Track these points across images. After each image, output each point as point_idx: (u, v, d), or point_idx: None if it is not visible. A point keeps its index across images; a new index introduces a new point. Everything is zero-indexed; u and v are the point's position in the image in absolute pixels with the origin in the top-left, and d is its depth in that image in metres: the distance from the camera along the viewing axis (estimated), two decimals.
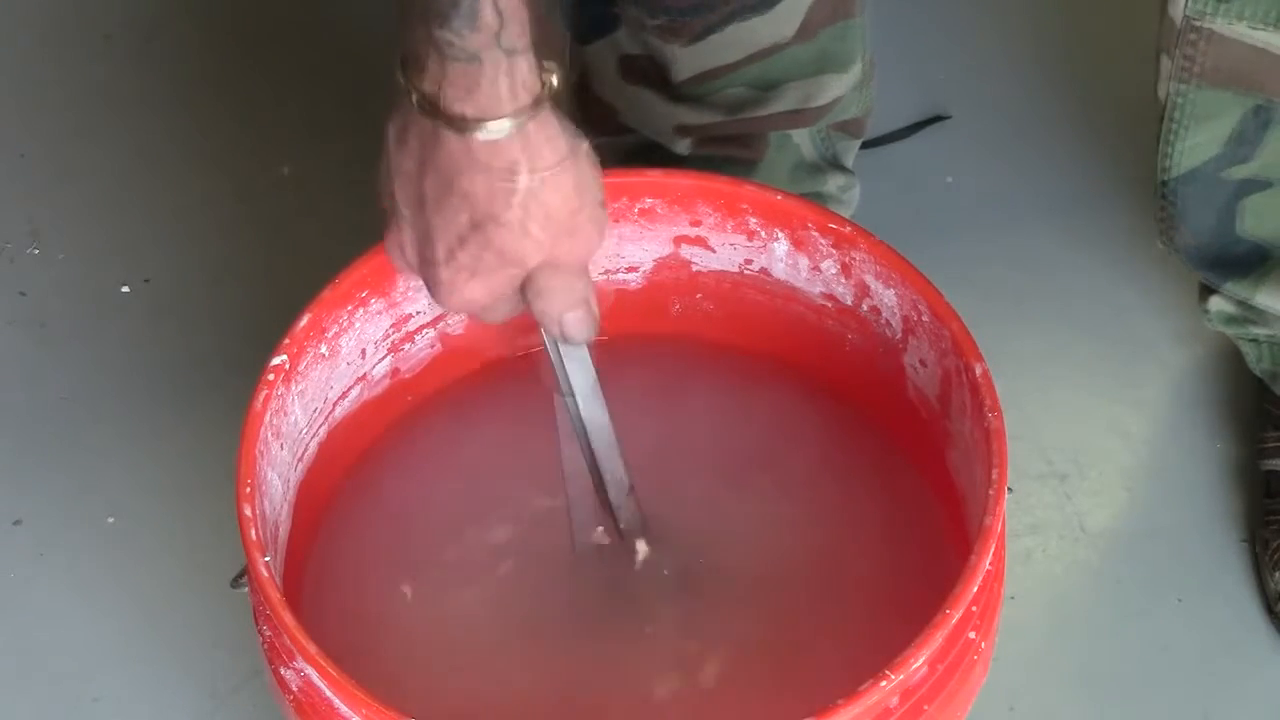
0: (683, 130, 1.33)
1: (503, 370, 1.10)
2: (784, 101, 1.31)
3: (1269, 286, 1.25)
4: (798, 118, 1.32)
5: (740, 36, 1.27)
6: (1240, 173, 1.20)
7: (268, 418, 0.95)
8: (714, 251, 1.07)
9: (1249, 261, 1.25)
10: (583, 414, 0.96)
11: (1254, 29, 1.11)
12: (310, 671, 0.87)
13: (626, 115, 1.35)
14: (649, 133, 1.35)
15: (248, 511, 0.91)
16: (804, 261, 1.05)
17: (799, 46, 1.29)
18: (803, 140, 1.34)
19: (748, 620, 1.01)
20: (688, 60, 1.29)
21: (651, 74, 1.32)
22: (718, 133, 1.33)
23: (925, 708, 0.88)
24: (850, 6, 1.29)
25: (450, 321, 1.07)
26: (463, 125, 0.85)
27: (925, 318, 1.00)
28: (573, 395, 0.96)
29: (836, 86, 1.32)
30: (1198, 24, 1.12)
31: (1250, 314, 1.30)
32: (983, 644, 0.93)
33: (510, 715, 0.98)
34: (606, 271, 1.09)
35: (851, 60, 1.32)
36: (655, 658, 1.00)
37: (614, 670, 0.99)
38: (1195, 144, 1.19)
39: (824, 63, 1.30)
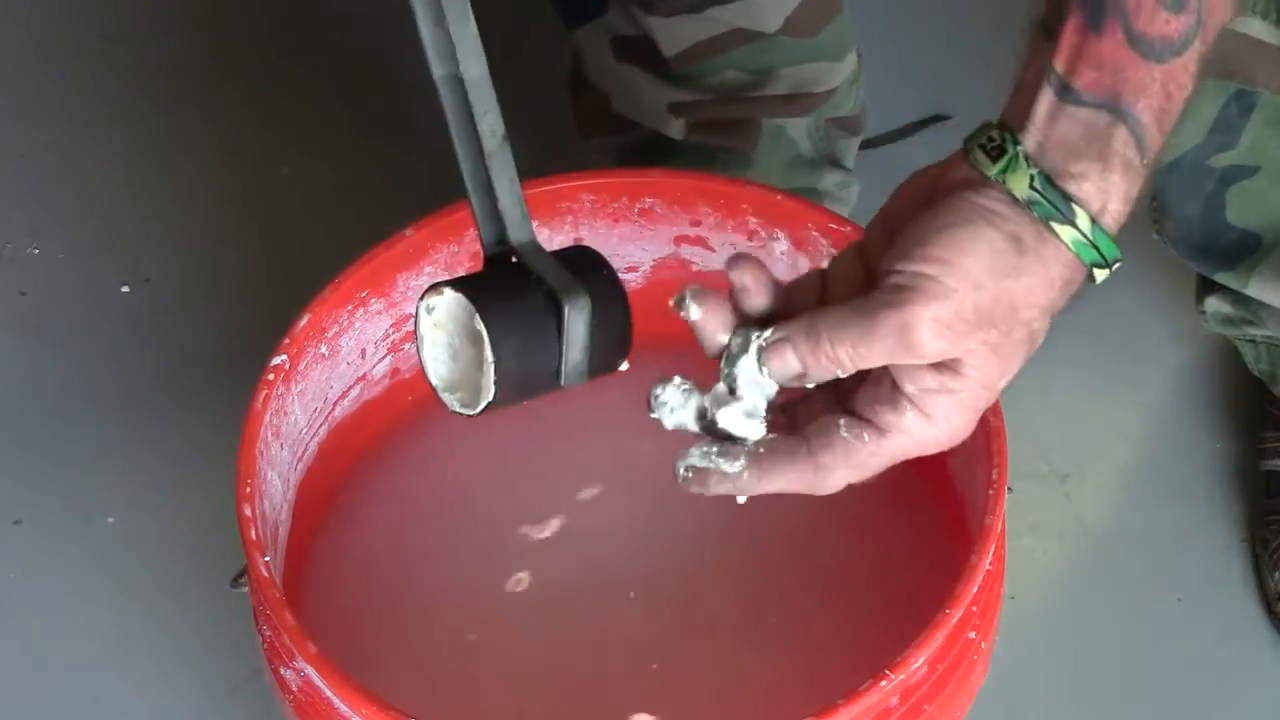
0: (675, 110, 1.33)
1: None
2: (777, 86, 1.31)
3: (1260, 277, 1.25)
4: (792, 104, 1.33)
5: (719, 18, 1.27)
6: (1225, 159, 1.19)
7: (268, 418, 0.95)
8: (714, 251, 1.07)
9: (1238, 252, 1.25)
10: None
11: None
12: (310, 671, 0.87)
13: (619, 101, 1.35)
14: (642, 117, 1.35)
15: (248, 511, 0.91)
16: (804, 261, 1.05)
17: (789, 39, 1.29)
18: (799, 135, 1.34)
19: (747, 620, 1.01)
20: (671, 33, 1.29)
21: (643, 52, 1.32)
22: (711, 115, 1.33)
23: (925, 708, 0.88)
24: (837, 2, 1.30)
25: None
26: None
27: None
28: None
29: (832, 76, 1.32)
30: None
31: (1246, 315, 1.29)
32: (983, 644, 0.93)
33: (510, 714, 0.98)
34: None
35: (845, 49, 1.32)
36: (655, 658, 1.00)
37: (613, 670, 0.99)
38: (1177, 132, 1.18)
39: (817, 51, 1.31)
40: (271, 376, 0.96)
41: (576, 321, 0.82)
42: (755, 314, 0.81)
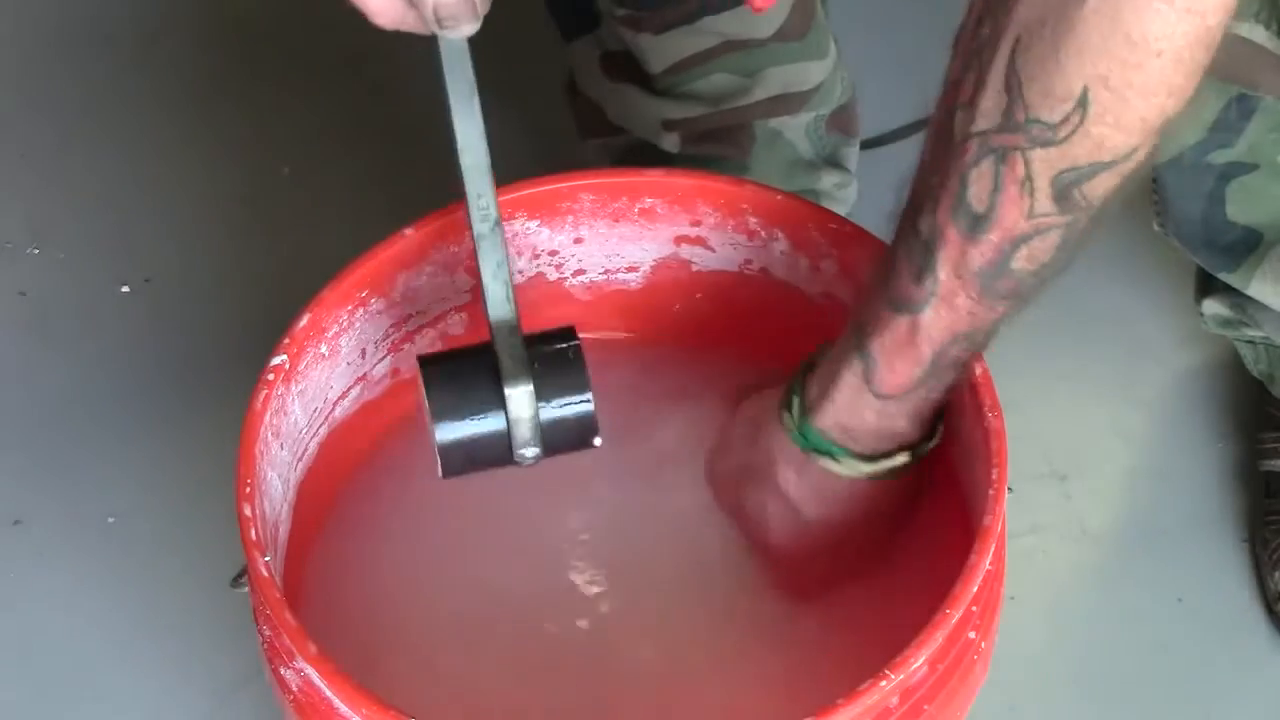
0: (669, 125, 1.33)
1: None
2: (767, 87, 1.31)
3: (1261, 278, 1.25)
4: (783, 104, 1.33)
5: (711, 29, 1.28)
6: (1224, 157, 1.20)
7: (268, 417, 0.95)
8: (714, 251, 1.07)
9: (1239, 250, 1.25)
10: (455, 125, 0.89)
11: (1236, 21, 1.11)
12: (310, 671, 0.87)
13: (614, 113, 1.35)
14: (637, 130, 1.35)
15: (248, 511, 0.91)
16: (804, 261, 1.05)
17: (779, 44, 1.29)
18: (797, 138, 1.34)
19: (747, 619, 1.01)
20: (660, 50, 1.29)
21: (631, 69, 1.32)
22: (704, 126, 1.33)
23: (925, 708, 0.88)
24: (817, 3, 1.31)
25: (449, 321, 1.07)
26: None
27: None
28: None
29: (817, 71, 1.32)
30: None
31: (1243, 316, 1.29)
32: (983, 644, 0.93)
33: (510, 715, 0.98)
34: (606, 271, 1.09)
35: (827, 45, 1.33)
36: (654, 658, 1.00)
37: (612, 670, 0.99)
38: (1176, 129, 1.19)
39: (801, 53, 1.31)
40: (271, 376, 0.96)
41: (517, 402, 0.88)
42: None
